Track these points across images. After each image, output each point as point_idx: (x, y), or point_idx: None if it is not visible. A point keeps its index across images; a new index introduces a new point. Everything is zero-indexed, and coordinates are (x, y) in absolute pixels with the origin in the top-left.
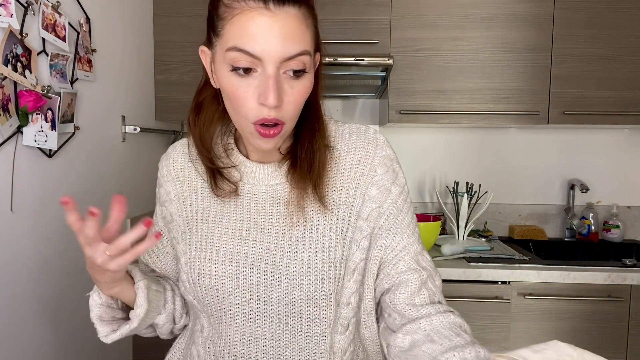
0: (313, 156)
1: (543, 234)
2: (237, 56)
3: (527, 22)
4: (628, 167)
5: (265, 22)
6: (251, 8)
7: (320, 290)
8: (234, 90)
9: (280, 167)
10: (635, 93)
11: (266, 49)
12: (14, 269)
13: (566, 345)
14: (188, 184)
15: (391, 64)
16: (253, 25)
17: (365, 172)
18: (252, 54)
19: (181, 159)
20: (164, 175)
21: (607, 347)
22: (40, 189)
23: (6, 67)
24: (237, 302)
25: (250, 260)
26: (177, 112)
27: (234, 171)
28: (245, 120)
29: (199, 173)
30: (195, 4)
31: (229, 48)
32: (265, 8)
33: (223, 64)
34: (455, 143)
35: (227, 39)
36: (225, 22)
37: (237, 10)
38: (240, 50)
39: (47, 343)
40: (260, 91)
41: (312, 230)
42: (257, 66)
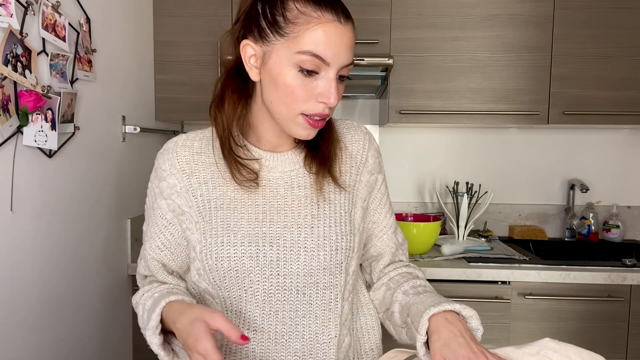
0: (330, 147)
1: (543, 234)
2: (309, 59)
3: (527, 22)
4: (628, 167)
5: (338, 33)
6: (328, 20)
7: (334, 259)
8: (296, 87)
9: (297, 156)
10: (635, 93)
11: (336, 56)
12: (14, 269)
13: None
14: (196, 176)
15: (391, 64)
16: (330, 35)
17: (362, 161)
18: (324, 60)
19: (185, 152)
20: (166, 170)
21: (607, 347)
22: (40, 189)
23: (6, 67)
24: (258, 280)
25: (269, 239)
26: (177, 112)
27: (254, 163)
28: (294, 112)
29: (207, 164)
30: (195, 4)
31: (304, 51)
32: (338, 21)
33: (288, 63)
34: (455, 143)
35: (300, 43)
36: (298, 27)
37: (315, 19)
38: (315, 55)
39: (47, 343)
40: (320, 91)
41: (325, 208)
42: (321, 70)
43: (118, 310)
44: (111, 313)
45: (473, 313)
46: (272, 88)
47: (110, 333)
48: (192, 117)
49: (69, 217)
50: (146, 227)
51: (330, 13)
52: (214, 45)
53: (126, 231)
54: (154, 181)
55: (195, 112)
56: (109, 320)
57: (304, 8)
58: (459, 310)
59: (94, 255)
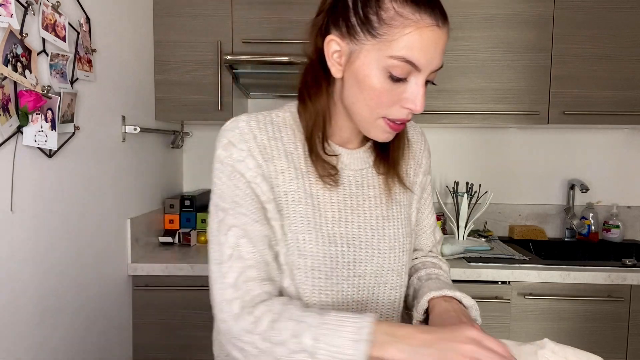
0: (401, 150)
1: (543, 234)
2: (401, 66)
3: (527, 22)
4: (628, 167)
5: (435, 38)
6: (426, 24)
7: (402, 260)
8: (382, 92)
9: (368, 156)
10: (635, 93)
11: (429, 62)
12: (14, 269)
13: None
14: (274, 164)
15: None
16: (426, 41)
17: (419, 162)
18: (416, 66)
19: (262, 135)
20: (244, 149)
21: (607, 347)
22: (40, 189)
23: (6, 67)
24: (336, 281)
25: (347, 240)
26: (177, 112)
27: (334, 159)
28: (376, 116)
29: (283, 152)
30: (195, 4)
31: (396, 57)
32: (437, 25)
33: (377, 66)
34: (455, 143)
35: (395, 48)
36: (394, 30)
37: (412, 22)
38: (408, 61)
39: (47, 343)
40: (407, 97)
41: (393, 210)
42: (411, 75)
43: (118, 310)
44: (111, 313)
45: (473, 304)
46: (355, 88)
47: (110, 333)
48: (192, 117)
49: (69, 217)
50: (234, 219)
51: (428, 16)
52: (214, 45)
53: (126, 231)
54: (228, 161)
55: (195, 112)
56: (109, 320)
57: (401, 9)
58: (459, 298)
59: (94, 255)
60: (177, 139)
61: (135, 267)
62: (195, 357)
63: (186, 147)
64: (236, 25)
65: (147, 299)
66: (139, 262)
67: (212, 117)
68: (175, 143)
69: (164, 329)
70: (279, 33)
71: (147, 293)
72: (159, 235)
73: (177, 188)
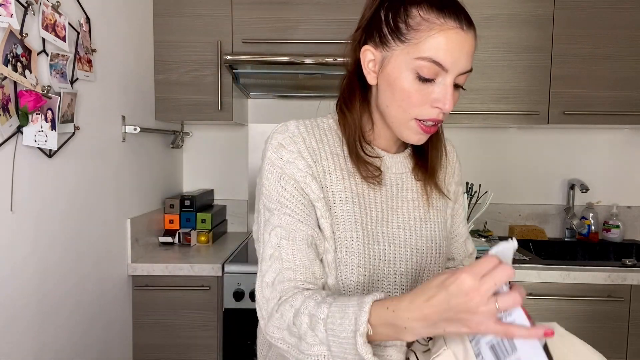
0: (439, 157)
1: (543, 234)
2: (428, 66)
3: (527, 22)
4: (628, 167)
5: (460, 40)
6: (450, 27)
7: (438, 261)
8: (412, 92)
9: (408, 162)
10: (635, 93)
11: (455, 63)
12: (14, 269)
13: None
14: (322, 165)
15: None
16: (451, 42)
17: (454, 172)
18: (443, 66)
19: (311, 138)
20: (293, 151)
21: (607, 347)
22: (40, 189)
23: (6, 67)
24: (378, 278)
25: (388, 238)
26: (177, 112)
27: (377, 160)
28: (408, 117)
29: (331, 154)
30: (195, 4)
31: (423, 58)
32: (461, 28)
33: (406, 69)
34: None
35: (420, 49)
36: (420, 34)
37: (437, 26)
38: (435, 62)
39: (47, 343)
40: (436, 97)
41: (430, 213)
42: (439, 76)
43: (118, 310)
44: (111, 313)
45: None
46: (388, 92)
47: (110, 333)
48: (192, 117)
49: (69, 217)
50: (278, 220)
51: (453, 20)
52: (214, 45)
53: (126, 231)
54: (277, 162)
55: (195, 112)
56: (109, 320)
57: (427, 15)
58: None
59: (94, 255)
60: (177, 139)
61: (135, 267)
62: (195, 357)
63: (186, 147)
64: (236, 25)
65: (147, 299)
66: (139, 262)
67: (212, 117)
68: (175, 143)
69: (164, 329)
70: (279, 33)
71: (147, 293)
72: (159, 235)
73: (177, 188)
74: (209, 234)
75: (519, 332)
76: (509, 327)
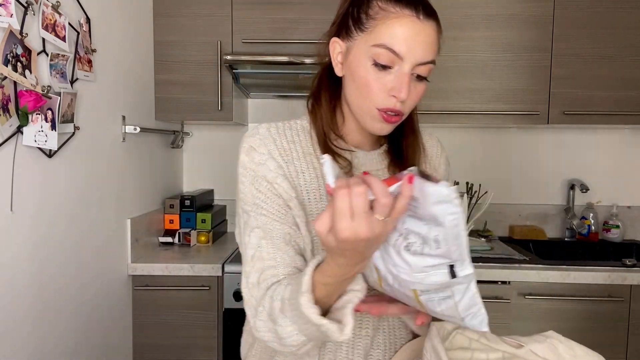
0: (415, 153)
1: (543, 234)
2: (383, 53)
3: (527, 22)
4: (628, 167)
5: (414, 29)
6: (405, 15)
7: None
8: (370, 80)
9: (384, 159)
10: (635, 93)
11: (409, 51)
12: (14, 269)
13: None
14: (293, 165)
15: None
16: (404, 29)
17: (436, 167)
18: (397, 53)
19: (282, 139)
20: (264, 153)
21: (607, 347)
22: (40, 189)
23: (6, 67)
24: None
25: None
26: (177, 112)
27: (347, 154)
28: (371, 106)
29: (303, 154)
30: (195, 4)
31: (378, 44)
32: (417, 17)
33: (364, 56)
34: (455, 143)
35: (376, 37)
36: (377, 22)
37: (392, 14)
38: (388, 48)
39: (47, 342)
40: (393, 85)
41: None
42: (395, 64)
43: (118, 310)
44: (111, 313)
45: None
46: (351, 81)
47: (110, 333)
48: (192, 117)
49: (69, 217)
50: (254, 214)
51: (409, 9)
52: (214, 45)
53: (126, 231)
54: (249, 165)
55: (195, 112)
56: (109, 320)
57: (385, 4)
58: None
59: (94, 255)
60: (177, 139)
61: (135, 267)
62: (195, 357)
63: (186, 147)
64: (236, 25)
65: (147, 299)
66: (139, 262)
67: (212, 117)
68: (175, 143)
69: (164, 329)
70: (279, 33)
71: (147, 293)
72: (159, 235)
73: (177, 188)
74: (209, 234)
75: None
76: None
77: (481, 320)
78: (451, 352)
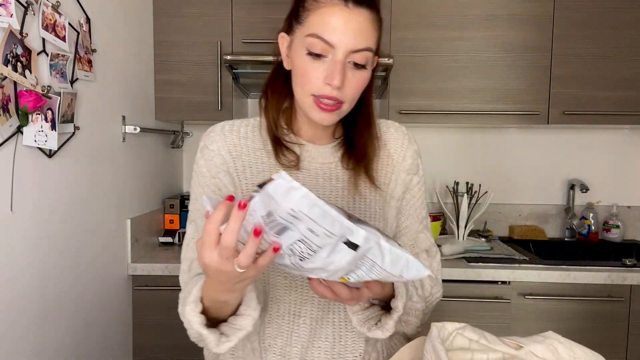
0: (367, 145)
1: (543, 234)
2: (315, 42)
3: (527, 22)
4: (628, 167)
5: (343, 17)
6: (334, 4)
7: None
8: (306, 69)
9: (336, 151)
10: (635, 93)
11: (340, 39)
12: (14, 268)
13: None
14: (242, 159)
15: (391, 64)
16: (333, 18)
17: (400, 160)
18: (328, 42)
19: (233, 135)
20: (214, 150)
21: (607, 347)
22: (40, 189)
23: (6, 67)
24: None
25: None
26: (177, 112)
27: (296, 147)
28: (307, 93)
29: (253, 149)
30: (195, 4)
31: (310, 34)
32: (345, 6)
33: (300, 47)
34: (455, 143)
35: (309, 27)
36: (309, 13)
37: (322, 4)
38: (319, 37)
39: (47, 343)
40: (327, 73)
41: (360, 203)
42: (329, 53)
43: (118, 310)
44: (111, 313)
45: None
46: (293, 73)
47: (110, 333)
48: (192, 117)
49: (69, 217)
50: (192, 208)
51: None
52: (214, 45)
53: (126, 231)
54: (200, 161)
55: (195, 112)
56: (109, 320)
57: None
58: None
59: (94, 255)
60: (177, 139)
61: (135, 267)
62: (195, 357)
63: (186, 147)
64: (236, 25)
65: (147, 299)
66: (139, 262)
67: (212, 117)
68: (175, 143)
69: (164, 329)
70: None
71: (147, 293)
72: (159, 235)
73: (177, 188)
74: None
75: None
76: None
77: (417, 268)
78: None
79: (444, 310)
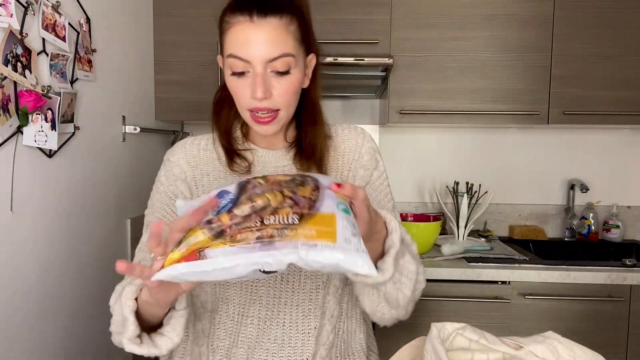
0: (315, 143)
1: (543, 234)
2: (234, 61)
3: (527, 22)
4: (628, 167)
5: (250, 32)
6: (239, 21)
7: None
8: (234, 88)
9: (288, 153)
10: (635, 93)
11: (252, 54)
12: (14, 269)
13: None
14: (200, 168)
15: (391, 64)
16: (242, 35)
17: (355, 158)
18: (243, 59)
19: (193, 148)
20: (174, 161)
21: (607, 347)
22: (40, 189)
23: (6, 67)
24: None
25: None
26: (177, 112)
27: (248, 154)
28: (245, 110)
29: (210, 159)
30: (195, 4)
31: (229, 55)
32: (250, 21)
33: (227, 68)
34: (455, 143)
35: (227, 48)
36: (225, 35)
37: (231, 24)
38: (235, 56)
39: (47, 343)
40: (251, 88)
41: None
42: (248, 68)
43: None
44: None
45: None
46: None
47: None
48: (192, 117)
49: (69, 217)
50: (147, 213)
51: (241, 15)
52: (214, 45)
53: (126, 231)
54: (161, 172)
55: (195, 112)
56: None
57: (227, 17)
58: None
59: (94, 255)
60: (177, 139)
61: None
62: None
63: None
64: None
65: None
66: None
67: None
68: (175, 143)
69: None
70: None
71: None
72: None
73: None
74: None
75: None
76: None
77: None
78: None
79: (444, 310)
